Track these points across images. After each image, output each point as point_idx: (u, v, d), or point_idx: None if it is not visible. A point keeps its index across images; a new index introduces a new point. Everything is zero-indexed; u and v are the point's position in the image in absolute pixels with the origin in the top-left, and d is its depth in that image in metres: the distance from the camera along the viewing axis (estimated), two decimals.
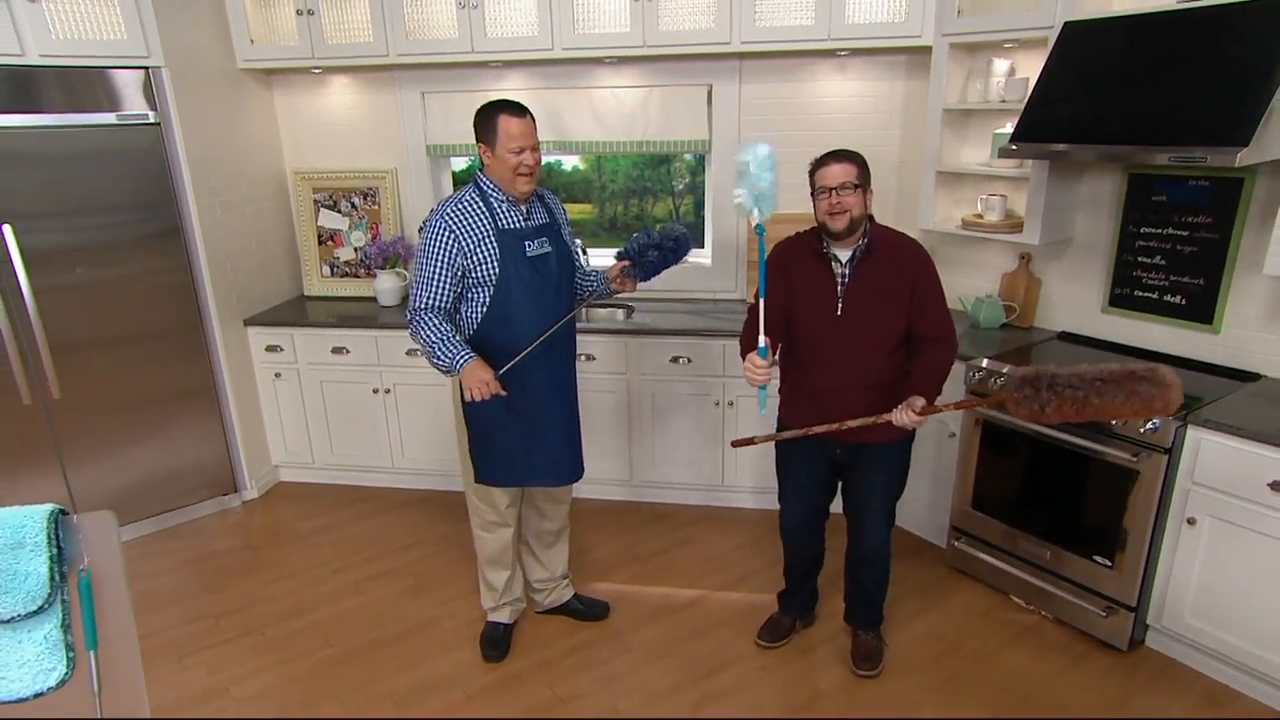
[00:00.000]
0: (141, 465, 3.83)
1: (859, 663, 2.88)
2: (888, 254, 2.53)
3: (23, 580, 1.03)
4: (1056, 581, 3.08)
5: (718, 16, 3.55)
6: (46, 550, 1.05)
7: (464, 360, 2.53)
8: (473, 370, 2.52)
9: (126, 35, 3.39)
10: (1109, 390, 2.13)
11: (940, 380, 2.50)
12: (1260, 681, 2.67)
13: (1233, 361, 3.02)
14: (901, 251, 2.54)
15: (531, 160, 2.56)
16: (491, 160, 2.56)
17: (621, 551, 3.67)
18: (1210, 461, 2.62)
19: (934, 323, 2.52)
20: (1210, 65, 2.59)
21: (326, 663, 3.00)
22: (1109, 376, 2.13)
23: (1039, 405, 2.19)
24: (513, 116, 2.54)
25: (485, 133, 2.56)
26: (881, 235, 2.57)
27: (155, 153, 3.59)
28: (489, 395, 2.53)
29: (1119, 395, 2.12)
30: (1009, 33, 3.21)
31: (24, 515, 1.03)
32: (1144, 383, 2.12)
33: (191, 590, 3.48)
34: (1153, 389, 2.11)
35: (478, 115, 2.59)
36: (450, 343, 2.55)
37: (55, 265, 3.42)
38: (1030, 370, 2.23)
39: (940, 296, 2.55)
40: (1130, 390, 2.12)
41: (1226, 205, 2.91)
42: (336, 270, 4.48)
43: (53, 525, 1.06)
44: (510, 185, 2.59)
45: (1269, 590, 2.56)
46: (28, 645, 1.05)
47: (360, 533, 3.89)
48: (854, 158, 2.55)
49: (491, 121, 2.54)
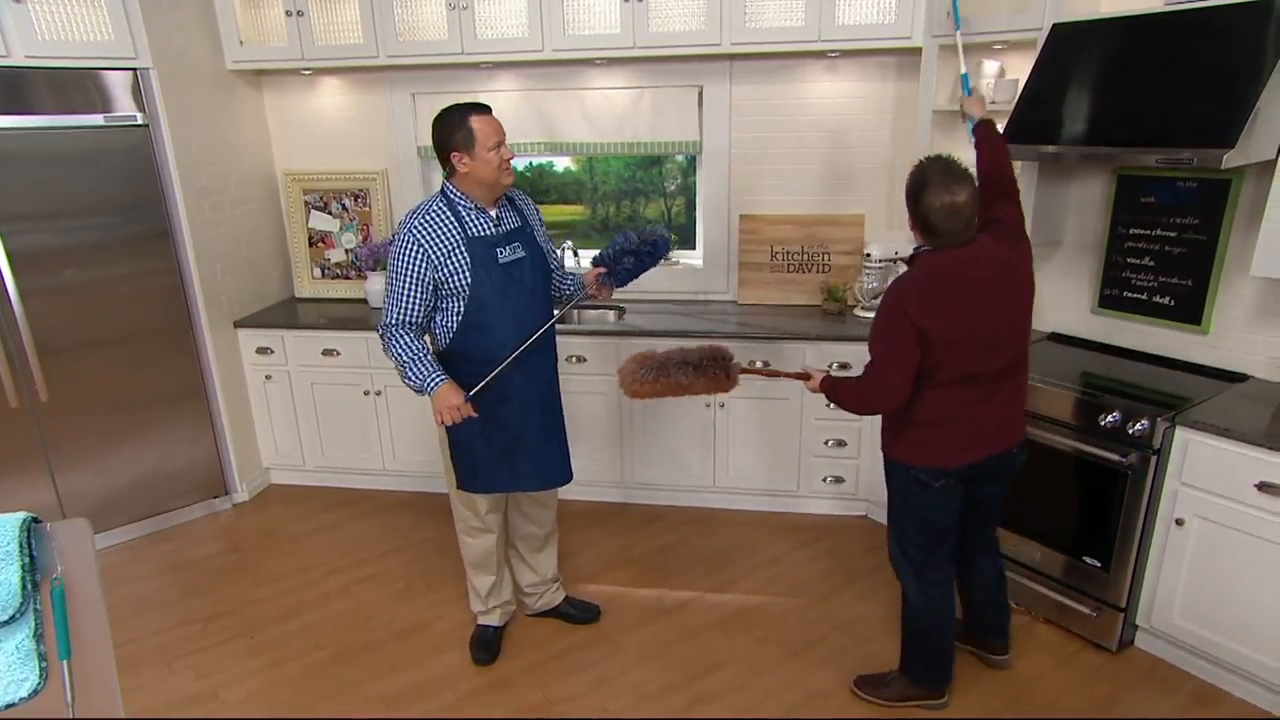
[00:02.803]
0: (131, 468, 3.81)
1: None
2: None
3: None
4: (1046, 582, 3.08)
5: (708, 18, 3.55)
6: (18, 559, 1.03)
7: (435, 383, 2.51)
8: (443, 395, 2.51)
9: (114, 36, 3.37)
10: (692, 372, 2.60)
11: (839, 387, 2.51)
12: (1248, 682, 2.68)
13: (1221, 362, 3.02)
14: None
15: (508, 154, 2.54)
16: (471, 165, 2.49)
17: (613, 554, 3.66)
18: (1198, 462, 2.63)
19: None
20: (1197, 67, 2.60)
21: (317, 666, 3.00)
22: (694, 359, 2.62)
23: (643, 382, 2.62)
24: (482, 115, 2.51)
25: (457, 140, 2.48)
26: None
27: (143, 154, 3.57)
28: (459, 420, 2.51)
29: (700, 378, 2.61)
30: (998, 34, 3.21)
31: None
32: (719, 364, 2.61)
33: (181, 594, 3.46)
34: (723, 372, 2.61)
35: (444, 126, 2.51)
36: (421, 363, 2.53)
37: (43, 267, 3.40)
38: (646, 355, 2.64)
39: (873, 332, 2.37)
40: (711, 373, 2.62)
41: (1214, 207, 2.91)
42: (327, 272, 4.46)
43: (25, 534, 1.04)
44: (496, 183, 2.55)
45: (1257, 591, 2.56)
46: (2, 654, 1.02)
47: (351, 535, 3.88)
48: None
49: (464, 127, 2.47)
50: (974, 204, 2.21)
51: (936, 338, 2.21)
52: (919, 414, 2.35)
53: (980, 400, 2.33)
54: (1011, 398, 2.40)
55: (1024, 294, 2.35)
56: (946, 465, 2.38)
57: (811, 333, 3.64)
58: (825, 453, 3.77)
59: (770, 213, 4.10)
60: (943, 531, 2.53)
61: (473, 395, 2.54)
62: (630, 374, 2.61)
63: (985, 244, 2.27)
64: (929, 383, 2.30)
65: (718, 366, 2.62)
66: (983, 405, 2.34)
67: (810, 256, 4.06)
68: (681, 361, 2.60)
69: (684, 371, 2.60)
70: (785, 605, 3.26)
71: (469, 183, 2.55)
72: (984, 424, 2.36)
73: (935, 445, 2.38)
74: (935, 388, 2.30)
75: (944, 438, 2.36)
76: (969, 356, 2.26)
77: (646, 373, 2.59)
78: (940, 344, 2.22)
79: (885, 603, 3.24)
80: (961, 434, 2.36)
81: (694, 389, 2.63)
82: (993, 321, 2.26)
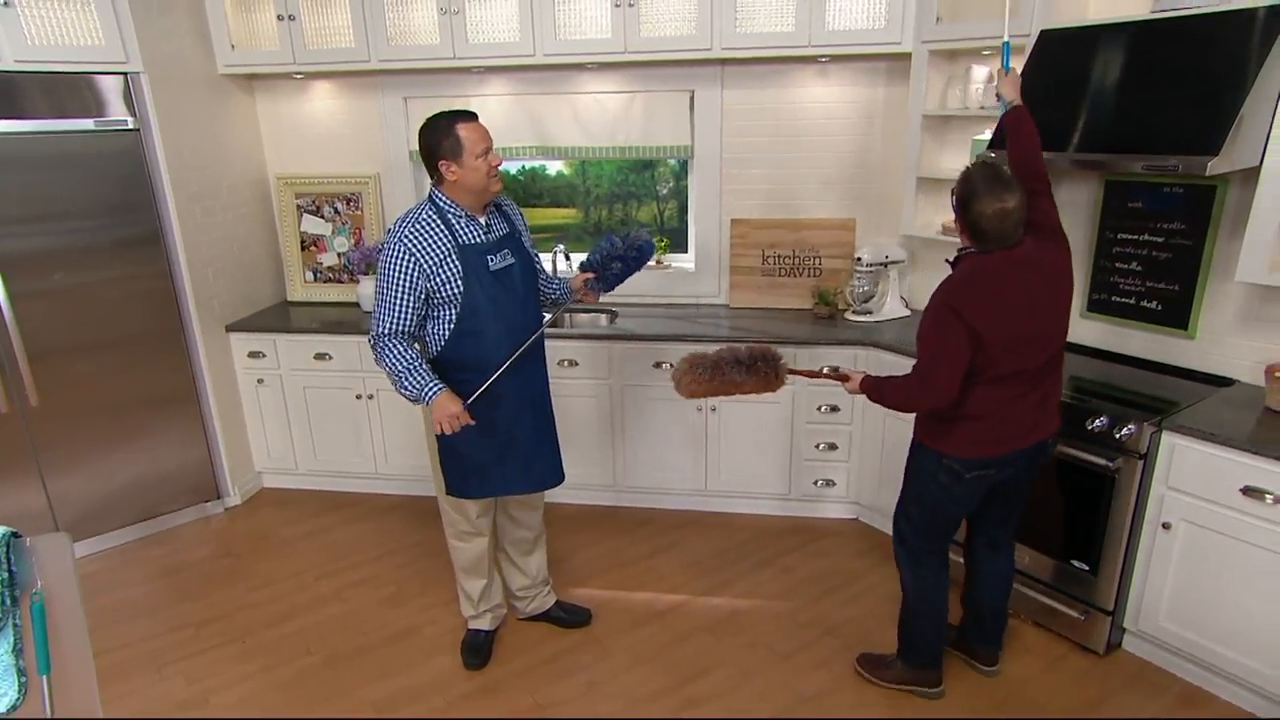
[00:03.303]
0: (122, 473, 3.80)
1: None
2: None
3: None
4: (1034, 585, 3.10)
5: (699, 23, 3.55)
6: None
7: (433, 392, 2.51)
8: (441, 404, 2.50)
9: (105, 41, 3.37)
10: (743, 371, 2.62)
11: (883, 386, 2.54)
12: (1233, 684, 2.69)
13: (1208, 367, 3.03)
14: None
15: (497, 160, 2.54)
16: (460, 173, 2.48)
17: (604, 557, 3.66)
18: (1185, 467, 2.64)
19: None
20: (1182, 74, 2.61)
21: (308, 670, 3.00)
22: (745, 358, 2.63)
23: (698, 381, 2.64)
24: (468, 122, 2.49)
25: (445, 148, 2.46)
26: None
27: (135, 158, 3.57)
28: (458, 428, 2.51)
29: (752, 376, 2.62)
30: (987, 40, 3.20)
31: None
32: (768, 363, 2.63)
33: (173, 598, 3.46)
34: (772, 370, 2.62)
35: (431, 135, 2.49)
36: (416, 372, 2.52)
37: (33, 271, 3.40)
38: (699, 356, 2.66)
39: (922, 333, 2.41)
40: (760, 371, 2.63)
41: (1200, 213, 2.93)
42: (319, 275, 4.46)
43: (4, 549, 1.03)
44: (485, 190, 2.54)
45: (1242, 594, 2.57)
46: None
47: (343, 539, 3.88)
48: (959, 180, 2.40)
49: (450, 134, 2.46)
50: (1022, 209, 2.25)
51: (987, 338, 2.26)
52: (966, 409, 2.39)
53: (1021, 395, 2.39)
54: (1050, 392, 2.47)
55: (1065, 294, 2.40)
56: (988, 455, 2.44)
57: (803, 337, 3.65)
58: (816, 456, 3.77)
59: (761, 216, 4.11)
60: (947, 523, 2.61)
61: (471, 403, 2.54)
62: (685, 374, 2.64)
63: (1029, 246, 2.32)
64: (976, 380, 2.34)
65: (767, 365, 2.63)
66: (1023, 399, 2.40)
67: (801, 260, 4.07)
68: (734, 360, 2.62)
69: (737, 370, 2.61)
70: (776, 609, 3.27)
71: (458, 190, 2.53)
72: (1023, 417, 2.42)
73: (977, 438, 2.43)
74: (983, 384, 2.35)
75: (986, 431, 2.42)
76: (1015, 355, 2.32)
77: (702, 372, 2.62)
78: (990, 343, 2.27)
79: (875, 606, 3.25)
80: (1002, 426, 2.42)
81: (745, 387, 2.65)
82: (1037, 321, 2.32)
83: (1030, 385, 2.39)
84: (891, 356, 3.46)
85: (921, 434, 2.55)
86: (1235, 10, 2.54)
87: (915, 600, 2.72)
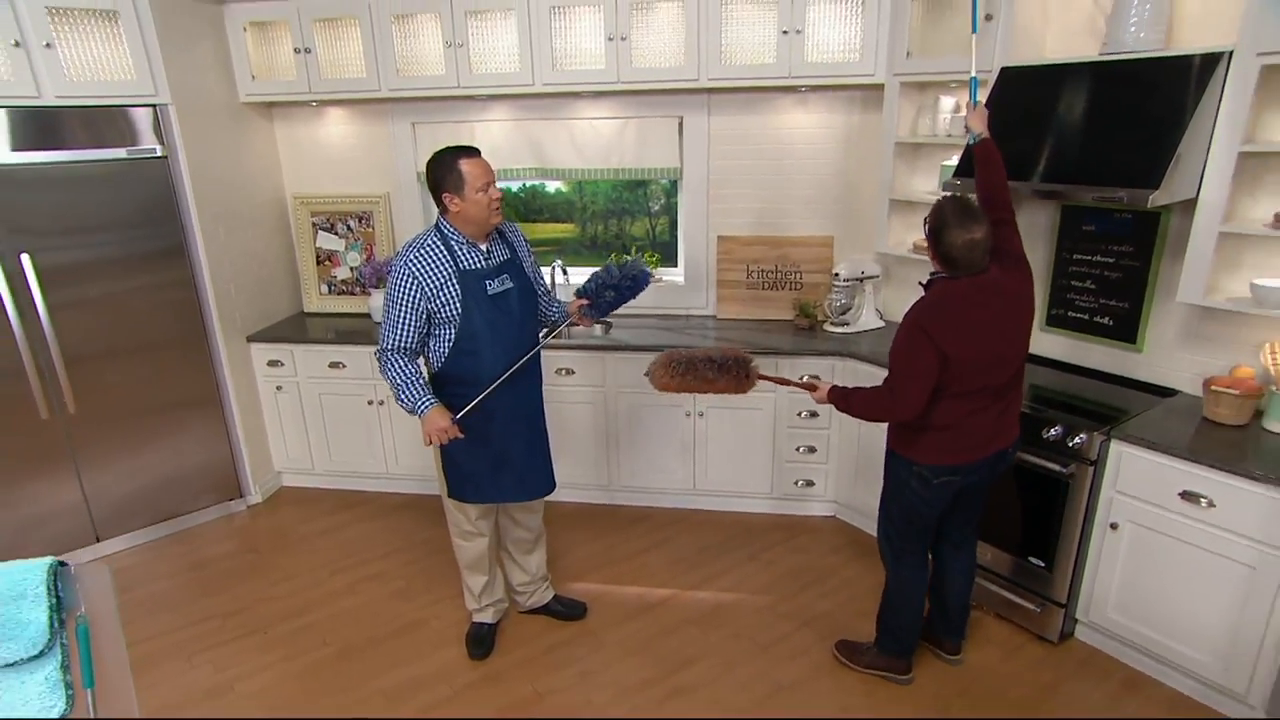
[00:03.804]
0: (152, 473, 3.89)
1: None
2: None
3: (24, 628, 1.08)
4: (995, 580, 3.18)
5: (686, 55, 3.62)
6: (46, 600, 1.10)
7: (425, 406, 2.58)
8: (431, 418, 2.58)
9: (135, 75, 3.44)
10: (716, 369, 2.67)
11: (851, 397, 2.59)
12: (1173, 670, 2.80)
13: (1154, 378, 3.11)
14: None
15: (497, 194, 2.60)
16: (461, 205, 2.55)
17: (600, 553, 3.73)
18: (1130, 473, 2.73)
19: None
20: (1127, 113, 2.68)
21: (324, 661, 3.07)
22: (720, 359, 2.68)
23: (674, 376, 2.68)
24: (471, 158, 2.56)
25: (449, 182, 2.54)
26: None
27: (163, 183, 3.65)
28: (446, 440, 2.58)
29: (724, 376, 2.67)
30: (953, 74, 3.27)
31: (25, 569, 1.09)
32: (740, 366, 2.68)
33: (199, 592, 3.54)
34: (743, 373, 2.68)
35: (436, 169, 2.56)
36: (413, 386, 2.60)
37: (70, 288, 3.48)
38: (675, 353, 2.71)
39: (895, 350, 2.48)
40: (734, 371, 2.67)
41: (1147, 236, 3.00)
42: (334, 288, 4.53)
43: (51, 577, 1.11)
44: (485, 222, 2.60)
45: (1181, 589, 2.67)
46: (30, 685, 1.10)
47: (356, 536, 3.95)
48: (931, 212, 2.45)
49: (454, 169, 2.53)
50: (989, 239, 2.33)
51: (954, 356, 2.33)
52: (932, 420, 2.46)
53: (983, 409, 2.47)
54: (1009, 406, 2.55)
55: (1026, 318, 2.48)
56: (953, 463, 2.52)
57: (784, 347, 3.72)
58: (797, 458, 3.85)
59: (746, 234, 4.18)
60: (924, 523, 2.68)
61: (459, 418, 2.61)
62: (660, 368, 2.68)
63: (995, 272, 2.40)
64: (943, 394, 2.42)
65: (739, 367, 2.68)
66: (985, 413, 2.48)
67: (783, 275, 4.14)
68: (706, 359, 2.67)
69: (710, 368, 2.66)
70: (757, 602, 3.35)
71: (460, 220, 2.60)
72: (985, 428, 2.50)
73: (944, 447, 2.51)
74: (948, 399, 2.42)
75: (952, 441, 2.49)
76: (979, 372, 2.40)
77: (676, 366, 2.66)
78: (956, 362, 2.34)
79: (848, 601, 3.33)
80: (965, 437, 2.50)
81: (717, 386, 2.68)
82: (1000, 342, 2.40)
83: (992, 400, 2.47)
84: (866, 366, 3.54)
85: (894, 443, 2.63)
86: (1174, 56, 2.61)
87: (896, 594, 2.80)
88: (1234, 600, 2.53)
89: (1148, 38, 2.72)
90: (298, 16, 3.80)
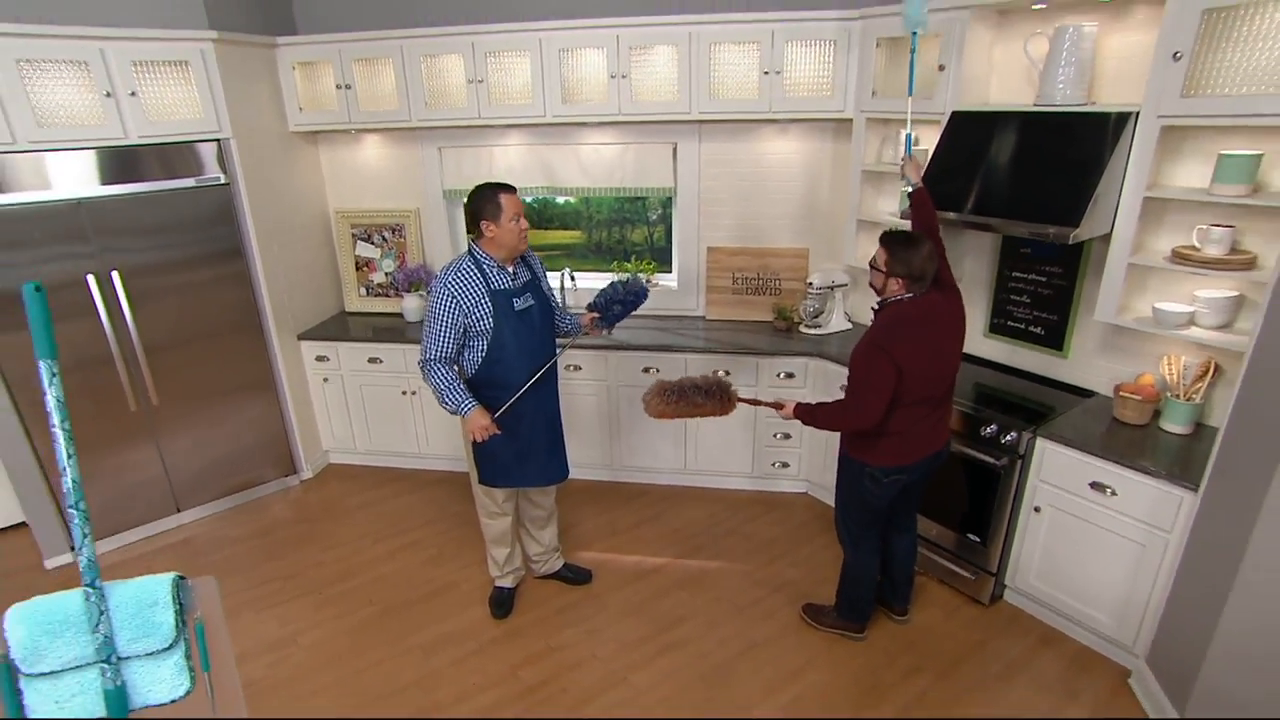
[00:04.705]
0: (220, 451, 4.12)
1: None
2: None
3: (158, 627, 1.29)
4: (940, 552, 3.40)
5: (680, 92, 3.76)
6: (172, 606, 1.31)
7: (468, 408, 2.77)
8: (474, 418, 2.78)
9: (202, 114, 3.62)
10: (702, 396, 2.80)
11: (816, 412, 2.70)
12: (1080, 627, 3.04)
13: (1077, 381, 3.30)
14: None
15: (525, 224, 2.80)
16: (496, 231, 2.74)
17: (603, 526, 3.93)
18: (1051, 465, 2.94)
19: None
20: (1055, 158, 2.83)
21: (369, 619, 3.29)
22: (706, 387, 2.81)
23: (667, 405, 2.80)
24: (508, 194, 2.76)
25: (489, 211, 2.73)
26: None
27: (225, 206, 3.83)
28: (487, 437, 2.77)
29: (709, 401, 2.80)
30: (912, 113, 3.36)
31: (156, 582, 1.30)
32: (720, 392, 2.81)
33: (263, 556, 3.76)
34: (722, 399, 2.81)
35: (478, 200, 2.74)
36: (455, 391, 2.78)
37: (150, 297, 3.68)
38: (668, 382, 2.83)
39: (855, 369, 2.60)
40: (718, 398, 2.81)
41: (1073, 260, 3.18)
42: (371, 291, 4.71)
43: (175, 588, 1.32)
44: (514, 247, 2.79)
45: (1089, 562, 2.91)
46: (164, 669, 1.31)
47: (395, 509, 4.16)
48: (883, 242, 2.60)
49: (494, 200, 2.73)
50: (934, 253, 2.53)
51: (907, 369, 2.50)
52: (887, 428, 2.62)
53: (926, 416, 2.65)
54: (945, 413, 2.75)
55: (961, 338, 2.66)
56: (901, 463, 2.70)
57: (764, 348, 3.89)
58: (774, 443, 4.05)
59: (732, 245, 4.33)
60: (877, 514, 2.87)
61: (498, 416, 2.80)
62: (654, 397, 2.80)
63: (935, 297, 2.58)
64: (897, 404, 2.58)
65: (722, 391, 2.82)
66: (927, 419, 2.67)
67: (764, 282, 4.30)
68: (693, 386, 2.80)
69: (698, 394, 2.79)
70: (737, 569, 3.55)
71: (492, 245, 2.79)
72: (926, 433, 2.69)
73: (895, 450, 2.68)
74: (900, 408, 2.59)
75: (901, 445, 2.67)
76: (927, 384, 2.58)
77: (670, 395, 2.79)
78: (909, 374, 2.51)
79: (814, 569, 3.54)
80: (913, 440, 2.68)
81: (705, 409, 2.82)
82: (943, 358, 2.60)
83: (933, 408, 2.66)
84: (835, 366, 3.72)
85: (849, 449, 2.81)
86: (1093, 112, 2.76)
87: (853, 572, 3.00)
88: (1127, 571, 2.76)
89: (1072, 93, 2.86)
90: (339, 57, 3.94)
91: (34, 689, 1.20)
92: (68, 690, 1.22)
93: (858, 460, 2.76)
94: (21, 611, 1.19)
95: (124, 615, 1.25)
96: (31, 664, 1.20)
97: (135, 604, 1.26)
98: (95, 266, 3.47)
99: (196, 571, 3.62)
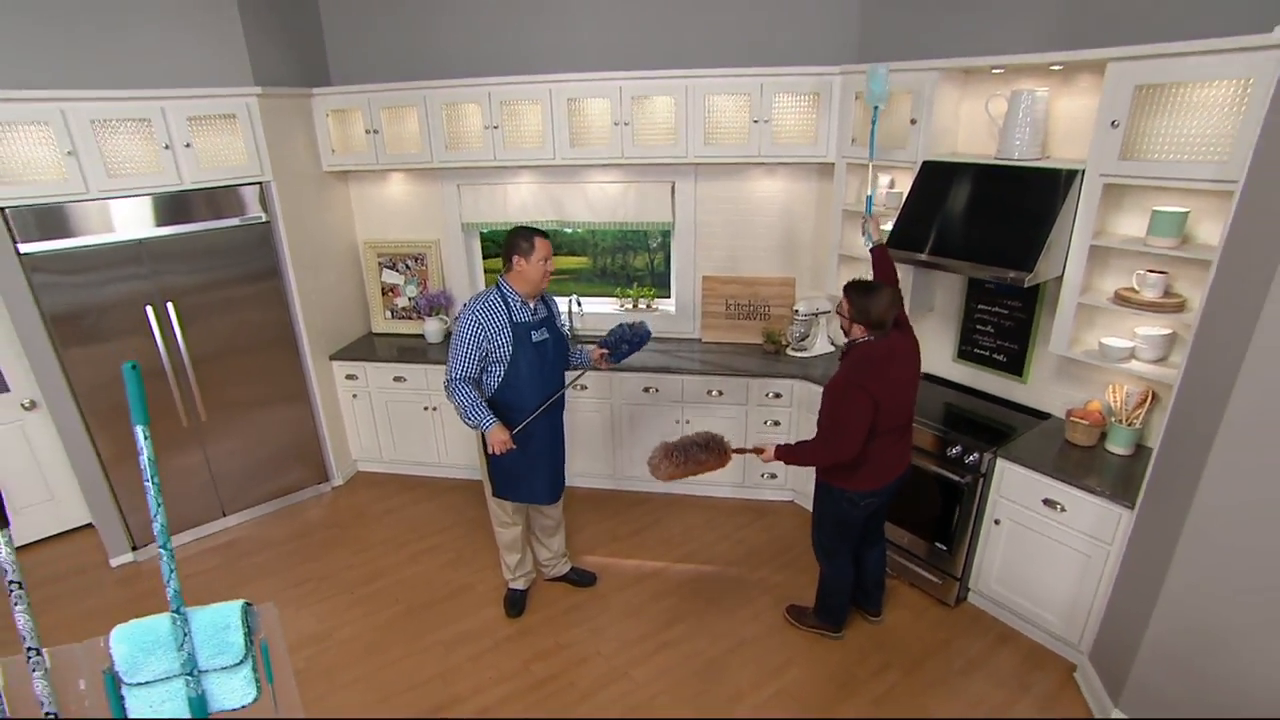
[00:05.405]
0: (260, 460, 4.28)
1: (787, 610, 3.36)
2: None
3: (230, 646, 1.45)
4: (911, 558, 3.54)
5: (677, 138, 3.90)
6: (241, 628, 1.48)
7: (489, 424, 2.91)
8: (494, 433, 2.91)
9: (247, 160, 3.78)
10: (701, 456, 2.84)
11: (797, 451, 2.79)
12: (1033, 626, 3.19)
13: (1034, 404, 3.44)
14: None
15: (551, 266, 2.95)
16: (525, 266, 2.88)
17: (606, 531, 4.05)
18: (1010, 483, 3.08)
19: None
20: (1013, 208, 2.96)
21: (395, 617, 3.42)
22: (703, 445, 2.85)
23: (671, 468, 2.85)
24: (543, 238, 2.91)
25: (522, 248, 2.87)
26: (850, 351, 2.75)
27: (266, 242, 3.99)
28: (505, 451, 2.92)
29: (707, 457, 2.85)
30: (888, 161, 3.54)
31: (228, 609, 1.47)
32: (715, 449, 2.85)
33: (301, 558, 3.90)
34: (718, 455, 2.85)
35: (515, 237, 2.88)
36: (478, 409, 2.92)
37: (198, 321, 3.84)
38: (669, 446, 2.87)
39: (832, 408, 2.68)
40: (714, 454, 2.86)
41: (1032, 296, 3.32)
42: (395, 314, 4.86)
43: (244, 614, 1.48)
44: (538, 285, 2.94)
45: (1042, 570, 3.05)
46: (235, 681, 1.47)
47: (416, 515, 4.29)
48: (846, 293, 2.70)
49: (530, 241, 2.88)
50: (893, 301, 2.66)
51: (881, 402, 2.63)
52: (865, 456, 2.72)
53: (894, 444, 2.79)
54: (909, 438, 2.89)
55: (918, 372, 2.80)
56: (874, 487, 2.84)
57: (754, 369, 4.03)
58: None
59: (725, 274, 4.48)
60: (851, 532, 3.00)
61: (516, 433, 2.95)
62: (662, 460, 2.84)
63: (895, 337, 2.73)
64: (874, 435, 2.68)
65: (719, 446, 2.89)
66: (894, 446, 2.81)
67: (754, 308, 4.44)
68: (694, 444, 2.85)
69: (700, 451, 2.84)
70: (728, 574, 3.67)
71: (519, 280, 2.93)
72: (895, 459, 2.83)
73: (870, 475, 2.81)
74: (875, 437, 2.69)
75: (874, 471, 2.80)
76: (895, 414, 2.71)
77: (676, 457, 2.84)
78: (883, 406, 2.64)
79: (797, 574, 3.66)
80: (884, 467, 2.81)
81: (707, 465, 2.87)
82: (906, 388, 2.74)
83: (899, 436, 2.80)
84: (818, 388, 3.84)
85: (825, 477, 2.93)
86: (1046, 168, 2.90)
87: (830, 583, 3.14)
88: (1074, 578, 2.91)
89: (1028, 150, 3.00)
90: (369, 105, 4.10)
91: (133, 696, 1.37)
92: (159, 697, 1.38)
93: (838, 487, 2.87)
94: (123, 632, 1.36)
95: (203, 636, 1.42)
96: (131, 675, 1.36)
97: (212, 626, 1.43)
98: (152, 296, 3.64)
99: (243, 571, 3.79)
